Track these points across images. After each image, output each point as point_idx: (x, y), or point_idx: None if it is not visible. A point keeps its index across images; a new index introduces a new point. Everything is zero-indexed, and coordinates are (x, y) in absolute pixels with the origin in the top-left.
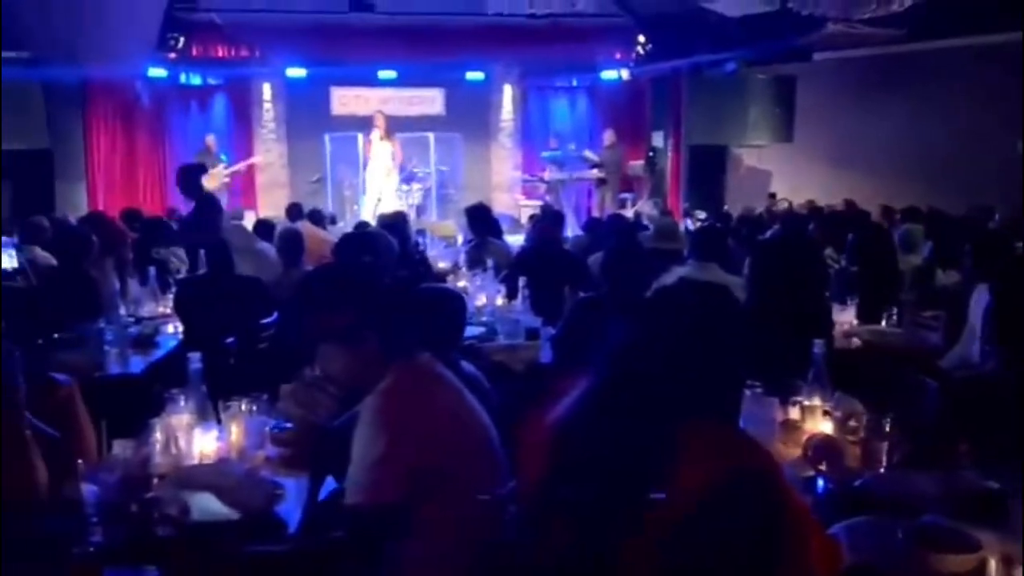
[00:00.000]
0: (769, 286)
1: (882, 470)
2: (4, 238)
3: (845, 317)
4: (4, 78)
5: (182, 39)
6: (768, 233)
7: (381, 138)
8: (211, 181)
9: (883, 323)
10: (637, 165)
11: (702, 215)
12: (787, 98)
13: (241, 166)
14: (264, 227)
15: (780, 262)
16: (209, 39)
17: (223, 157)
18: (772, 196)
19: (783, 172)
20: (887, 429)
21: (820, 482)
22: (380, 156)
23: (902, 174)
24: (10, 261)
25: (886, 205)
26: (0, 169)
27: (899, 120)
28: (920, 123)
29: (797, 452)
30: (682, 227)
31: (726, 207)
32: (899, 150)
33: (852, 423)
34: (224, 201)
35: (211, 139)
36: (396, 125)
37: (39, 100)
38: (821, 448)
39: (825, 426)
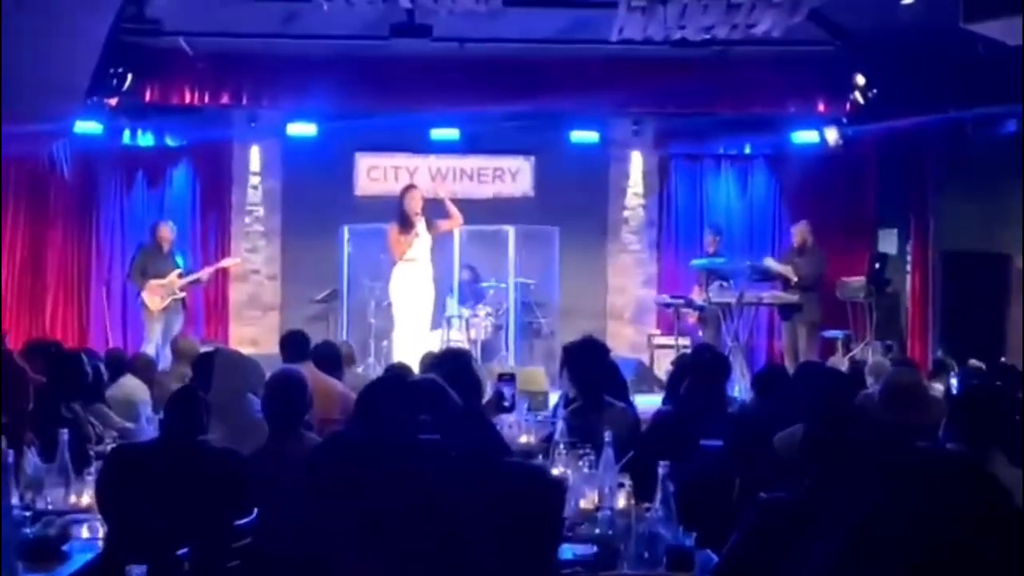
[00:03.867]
0: None
1: None
2: None
3: None
4: None
5: (130, 76)
6: None
7: (415, 228)
8: (155, 298)
9: None
10: (854, 284)
11: (967, 368)
12: None
13: (206, 273)
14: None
15: None
16: (172, 77)
17: (179, 259)
18: None
19: None
20: None
21: None
22: (415, 257)
23: None
24: None
25: None
26: None
27: None
28: None
29: None
30: (935, 388)
31: (1003, 358)
32: None
33: None
34: (176, 327)
35: (165, 230)
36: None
37: None
38: None
39: None
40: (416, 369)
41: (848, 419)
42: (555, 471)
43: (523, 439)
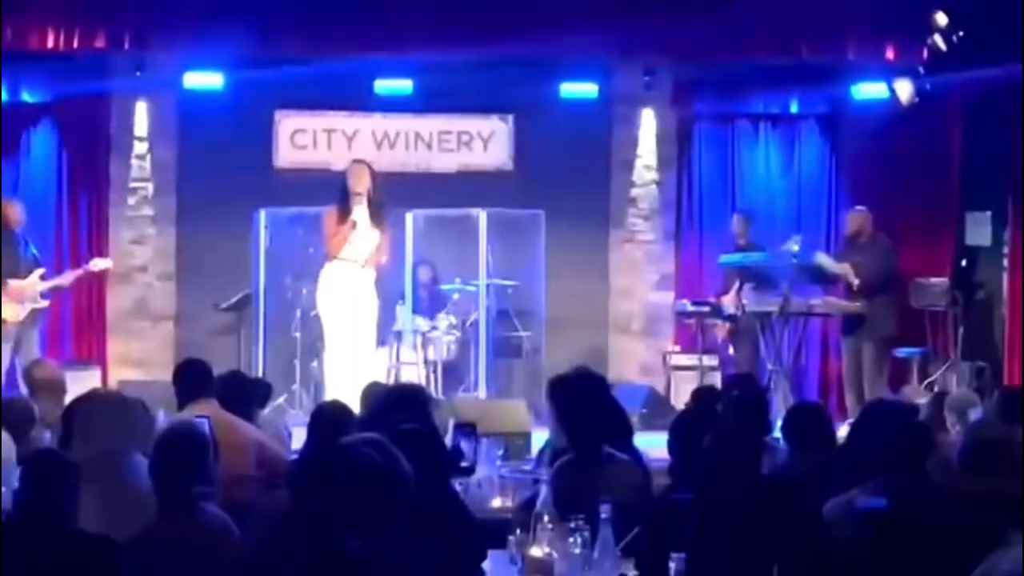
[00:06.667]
0: None
1: None
2: None
3: None
4: None
5: None
6: None
7: (351, 215)
8: (10, 306)
9: None
10: (933, 286)
11: None
12: None
13: (72, 277)
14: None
15: None
16: (30, 13)
17: (34, 250)
18: None
19: None
20: None
21: None
22: (355, 253)
23: None
24: None
25: None
26: None
27: None
28: None
29: None
30: None
31: None
32: None
33: None
34: (33, 346)
35: (13, 211)
36: (408, 191)
37: None
38: None
39: None
40: (356, 405)
41: (921, 487)
42: (536, 551)
43: (495, 503)
